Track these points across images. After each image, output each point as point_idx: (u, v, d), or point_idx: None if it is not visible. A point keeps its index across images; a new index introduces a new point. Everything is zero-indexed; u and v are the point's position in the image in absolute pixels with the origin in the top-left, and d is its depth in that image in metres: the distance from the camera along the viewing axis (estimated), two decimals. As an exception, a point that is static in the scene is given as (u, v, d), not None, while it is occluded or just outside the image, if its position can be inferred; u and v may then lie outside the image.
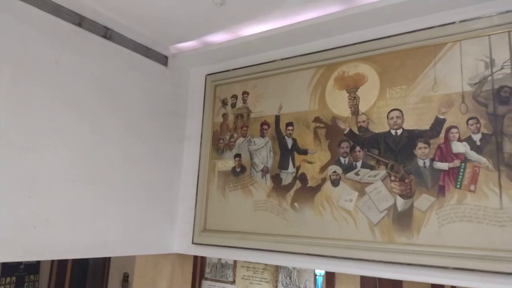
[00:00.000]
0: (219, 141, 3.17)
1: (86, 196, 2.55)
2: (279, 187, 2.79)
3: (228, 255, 3.13)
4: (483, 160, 2.10)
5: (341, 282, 3.41)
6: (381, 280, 3.26)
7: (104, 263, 5.43)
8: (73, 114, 2.52)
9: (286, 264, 2.97)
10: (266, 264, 3.72)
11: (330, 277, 3.39)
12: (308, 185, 2.66)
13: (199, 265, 3.96)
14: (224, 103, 3.22)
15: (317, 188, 2.61)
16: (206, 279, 3.97)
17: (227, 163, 3.08)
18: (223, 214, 3.01)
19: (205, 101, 3.31)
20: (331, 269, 2.70)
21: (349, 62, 2.65)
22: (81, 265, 5.53)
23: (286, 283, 3.62)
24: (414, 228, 2.22)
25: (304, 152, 2.72)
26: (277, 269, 3.68)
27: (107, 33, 2.78)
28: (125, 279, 5.19)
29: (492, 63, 2.17)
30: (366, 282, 3.33)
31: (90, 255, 2.60)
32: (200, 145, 3.25)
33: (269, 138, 2.92)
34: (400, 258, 2.24)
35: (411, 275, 2.27)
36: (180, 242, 3.21)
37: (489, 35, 2.20)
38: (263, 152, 2.91)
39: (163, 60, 3.23)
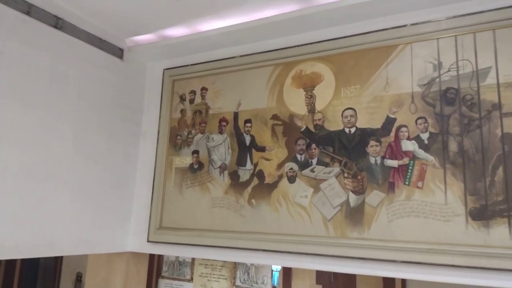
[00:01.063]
0: (176, 137, 3.12)
1: (33, 193, 2.43)
2: (236, 184, 2.78)
3: (185, 253, 3.10)
4: (430, 158, 2.21)
5: (297, 277, 3.46)
6: (335, 274, 3.34)
7: (56, 262, 5.19)
8: (20, 108, 2.39)
9: (243, 260, 2.98)
10: (224, 261, 3.70)
11: (286, 272, 3.44)
12: (265, 182, 2.67)
13: (156, 263, 3.89)
14: (182, 98, 3.17)
15: (274, 185, 2.64)
16: (163, 277, 3.90)
17: (185, 159, 3.04)
18: (180, 212, 2.97)
19: (163, 96, 3.25)
20: (287, 264, 2.74)
21: (306, 61, 2.69)
22: (31, 264, 5.27)
23: (244, 279, 3.62)
24: (365, 223, 2.30)
25: (262, 149, 2.74)
26: (235, 265, 3.68)
27: (58, 23, 2.65)
28: (78, 279, 5.00)
29: (439, 65, 2.27)
30: (322, 276, 3.41)
31: (37, 254, 2.47)
32: (157, 141, 3.18)
33: (227, 135, 2.91)
34: (352, 253, 2.31)
35: (362, 269, 2.34)
36: (135, 241, 3.13)
37: (437, 38, 2.30)
38: (221, 149, 2.90)
39: (118, 53, 3.12)
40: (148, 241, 3.04)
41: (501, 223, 1.99)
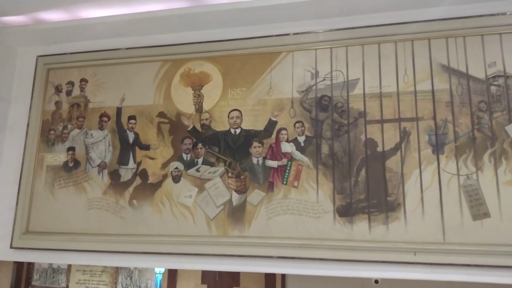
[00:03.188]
0: (49, 132, 2.82)
1: None
2: (117, 183, 2.63)
3: (57, 259, 2.83)
4: (305, 159, 2.37)
5: (183, 278, 3.42)
6: (220, 273, 3.38)
7: None
8: None
9: (124, 264, 2.83)
10: (104, 266, 3.47)
11: (172, 274, 3.37)
12: (148, 182, 2.58)
13: (24, 271, 3.47)
14: (58, 89, 2.88)
15: (157, 185, 2.56)
16: (34, 286, 3.51)
17: (58, 156, 2.76)
18: (51, 214, 2.68)
19: (35, 85, 2.91)
20: (171, 266, 2.69)
21: (195, 60, 2.67)
22: None
23: (127, 284, 3.45)
24: (246, 221, 2.37)
25: (146, 147, 2.63)
26: (117, 270, 3.48)
27: None
28: None
29: (316, 74, 2.46)
30: (207, 276, 3.43)
31: None
32: (26, 136, 2.83)
33: (108, 131, 2.73)
34: (234, 251, 2.36)
35: (243, 266, 2.41)
36: (-5, 248, 2.75)
37: (315, 49, 2.48)
38: (101, 146, 2.71)
39: (-20, 33, 2.71)
40: (11, 247, 2.69)
41: (362, 219, 2.23)
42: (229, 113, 2.54)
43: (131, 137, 2.68)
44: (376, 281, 2.98)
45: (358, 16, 2.39)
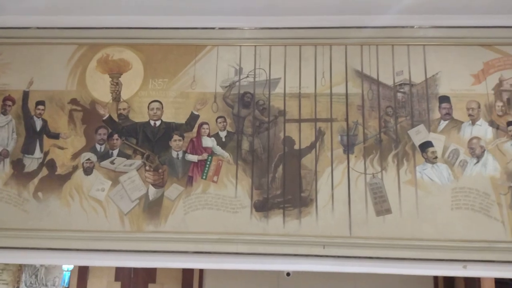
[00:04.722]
0: None
1: None
2: (20, 174, 2.40)
3: None
4: (226, 154, 2.38)
5: (94, 275, 3.25)
6: (136, 269, 3.28)
7: None
8: None
9: (27, 261, 2.61)
10: (5, 264, 3.17)
11: (82, 271, 3.19)
12: (56, 173, 2.39)
13: None
14: (-48, 67, 2.55)
15: (66, 176, 2.39)
16: None
17: (-51, 142, 2.46)
18: None
19: None
20: (80, 263, 2.53)
21: (114, 45, 2.53)
22: None
23: (31, 282, 3.19)
24: (162, 216, 2.31)
25: (56, 136, 2.44)
26: (20, 268, 3.20)
27: None
28: None
29: (240, 70, 2.48)
30: (121, 273, 3.30)
31: None
32: None
33: (12, 117, 2.48)
34: (149, 246, 2.29)
35: (159, 262, 2.37)
36: None
37: (240, 45, 2.50)
38: (3, 133, 2.45)
39: None
40: None
41: (277, 213, 2.30)
42: (149, 104, 2.45)
43: (38, 124, 2.46)
44: (288, 274, 3.11)
45: (281, 17, 2.45)
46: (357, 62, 2.43)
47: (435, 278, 3.86)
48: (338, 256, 2.22)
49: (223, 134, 2.40)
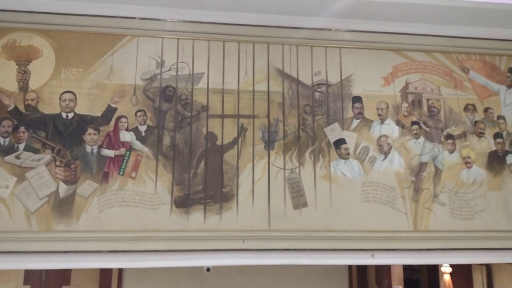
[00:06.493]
0: None
1: None
2: None
3: None
4: (145, 149, 2.31)
5: (0, 280, 2.97)
6: (48, 271, 3.06)
7: None
8: None
9: None
10: None
11: (-16, 276, 2.90)
12: (-50, 169, 2.15)
13: None
14: None
15: (-38, 173, 2.15)
16: None
17: None
18: None
19: None
20: (-20, 267, 2.28)
21: (22, 30, 2.33)
22: None
23: None
24: (74, 214, 2.18)
25: (-51, 127, 2.19)
26: None
27: None
28: None
29: (162, 63, 2.41)
30: (31, 276, 3.06)
31: None
32: None
33: None
34: (60, 246, 2.16)
35: (71, 263, 2.25)
36: None
37: (162, 37, 2.43)
38: None
39: None
40: None
41: (198, 209, 2.28)
42: (61, 94, 2.29)
43: None
44: (208, 269, 3.12)
45: (205, 11, 2.43)
46: (278, 61, 2.49)
47: (349, 266, 4.13)
48: (257, 249, 2.27)
49: (142, 129, 2.33)
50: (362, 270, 4.11)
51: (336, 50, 2.54)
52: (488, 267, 4.39)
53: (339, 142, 2.42)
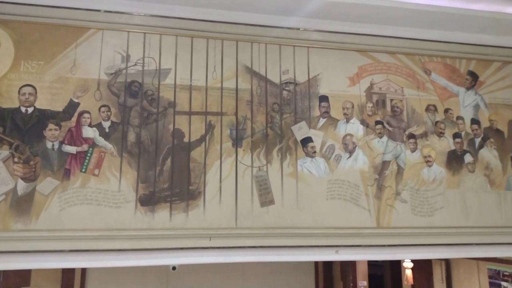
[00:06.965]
0: None
1: None
2: None
3: None
4: (109, 146, 2.25)
5: (-48, 283, 2.82)
6: (5, 272, 2.94)
7: None
8: None
9: None
10: None
11: None
12: None
13: None
14: None
15: None
16: None
17: None
18: None
19: None
20: None
21: (-23, 19, 2.21)
22: None
23: None
24: (33, 213, 2.10)
25: None
26: None
27: None
28: None
29: (128, 58, 2.36)
30: (-13, 278, 2.92)
31: None
32: None
33: None
34: (18, 246, 2.08)
35: (30, 263, 2.17)
36: None
37: (128, 31, 2.38)
38: None
39: None
40: None
41: (164, 207, 2.25)
42: (20, 88, 2.20)
43: None
44: (174, 268, 3.08)
45: (172, 6, 2.39)
46: (247, 59, 2.49)
47: (316, 262, 4.20)
48: (224, 247, 2.27)
49: (106, 125, 2.27)
50: (328, 266, 4.18)
51: (304, 50, 2.57)
52: (447, 262, 4.59)
53: (306, 141, 2.45)
